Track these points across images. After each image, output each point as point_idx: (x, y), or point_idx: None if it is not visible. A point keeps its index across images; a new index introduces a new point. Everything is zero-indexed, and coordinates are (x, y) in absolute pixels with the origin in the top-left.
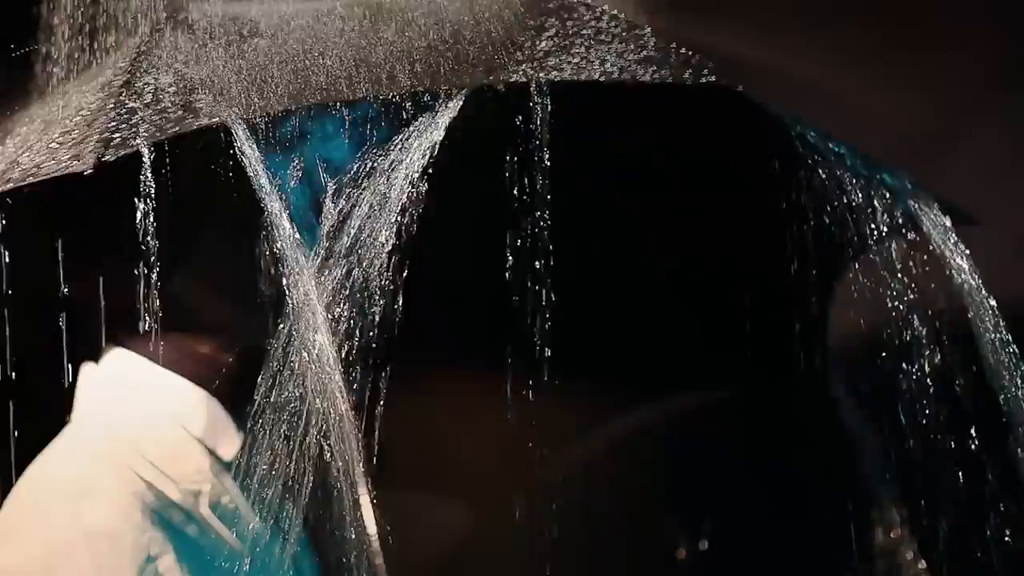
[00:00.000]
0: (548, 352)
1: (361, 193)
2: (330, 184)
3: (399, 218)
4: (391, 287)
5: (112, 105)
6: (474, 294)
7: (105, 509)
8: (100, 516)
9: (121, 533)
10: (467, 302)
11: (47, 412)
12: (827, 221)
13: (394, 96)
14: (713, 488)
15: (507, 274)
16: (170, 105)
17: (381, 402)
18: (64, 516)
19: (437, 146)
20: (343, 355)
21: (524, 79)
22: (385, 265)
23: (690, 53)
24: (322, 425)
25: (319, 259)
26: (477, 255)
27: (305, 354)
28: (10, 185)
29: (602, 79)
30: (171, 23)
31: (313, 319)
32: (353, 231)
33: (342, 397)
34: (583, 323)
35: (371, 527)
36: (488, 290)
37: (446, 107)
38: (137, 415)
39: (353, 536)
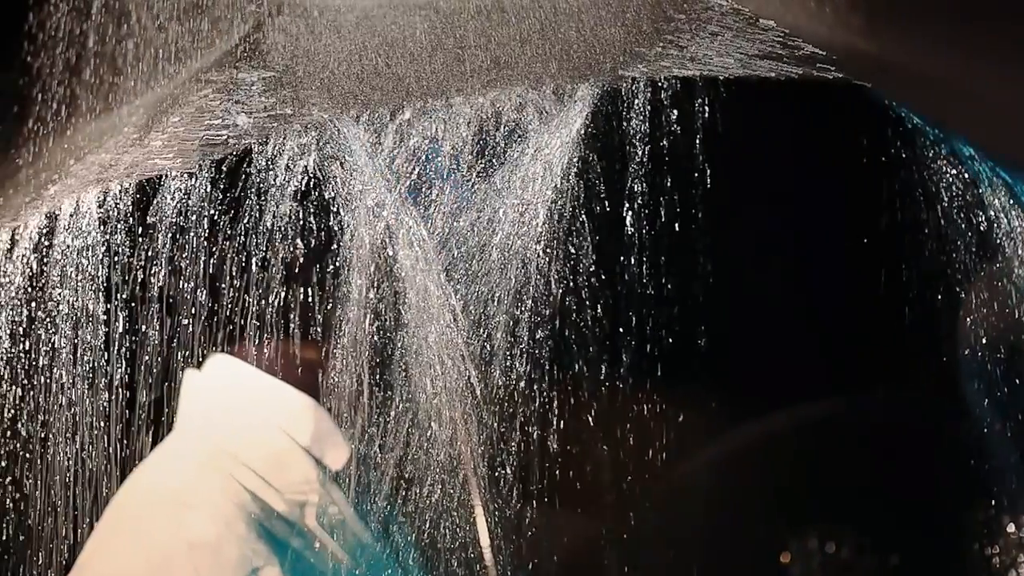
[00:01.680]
0: (672, 355)
1: (477, 192)
2: (446, 183)
3: (519, 218)
4: (513, 288)
5: (217, 103)
6: (599, 294)
7: (207, 520)
8: (202, 527)
9: (223, 544)
10: (592, 302)
11: (151, 418)
12: (957, 223)
13: (509, 94)
14: (841, 492)
15: (626, 275)
16: (276, 102)
17: (499, 409)
18: (165, 527)
19: (555, 145)
20: (460, 360)
21: (643, 76)
22: (505, 266)
23: (814, 49)
24: (436, 433)
25: (437, 260)
26: (597, 255)
27: (419, 359)
28: (110, 184)
29: (722, 75)
30: (277, 16)
31: (428, 323)
32: (467, 230)
33: (459, 404)
34: (709, 325)
35: (484, 539)
36: (611, 290)
37: (565, 104)
38: (241, 423)
39: (466, 549)
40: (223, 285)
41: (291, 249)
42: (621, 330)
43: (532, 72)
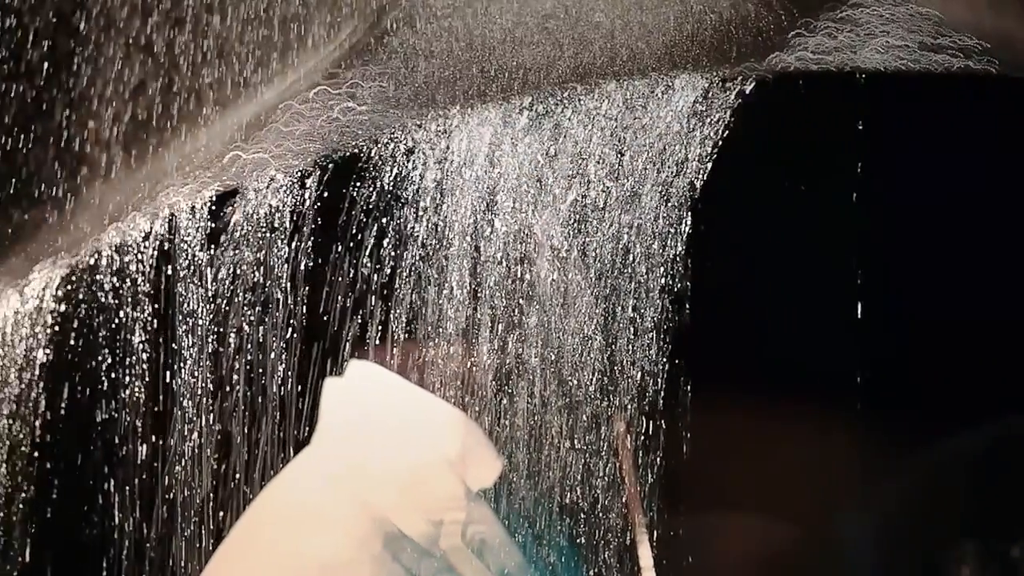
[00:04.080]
0: (858, 368)
1: (612, 190)
2: (567, 174)
3: (661, 217)
4: (667, 289)
5: (338, 101)
6: (759, 302)
7: (340, 539)
8: (334, 546)
9: (357, 565)
10: (757, 310)
11: (290, 427)
12: None
13: (637, 83)
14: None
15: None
16: (390, 104)
17: (661, 421)
18: (294, 544)
19: (695, 139)
20: (615, 367)
21: (788, 69)
22: (644, 265)
23: (981, 42)
24: (592, 445)
25: (589, 265)
26: (759, 260)
27: (574, 368)
28: (231, 183)
29: (873, 68)
30: (395, 13)
31: (584, 331)
32: (612, 231)
33: (620, 417)
34: (891, 338)
35: (646, 559)
36: (774, 299)
37: (706, 96)
38: (383, 436)
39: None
40: (366, 288)
41: (435, 252)
42: (800, 342)
43: (668, 60)
